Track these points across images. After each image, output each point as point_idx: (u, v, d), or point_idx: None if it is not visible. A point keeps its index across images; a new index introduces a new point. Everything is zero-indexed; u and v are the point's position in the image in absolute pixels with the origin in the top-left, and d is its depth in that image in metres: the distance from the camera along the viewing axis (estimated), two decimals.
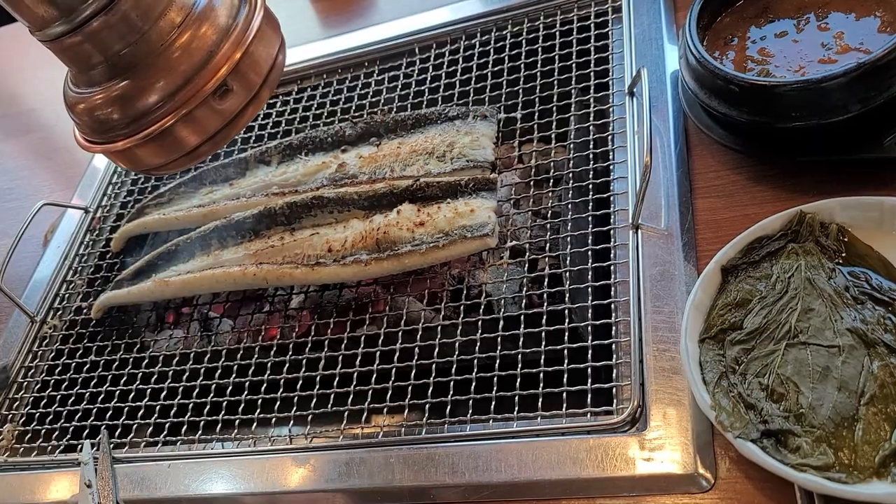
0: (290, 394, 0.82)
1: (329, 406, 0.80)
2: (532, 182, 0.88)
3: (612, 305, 0.75)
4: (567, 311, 0.76)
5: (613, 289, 0.76)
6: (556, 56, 0.96)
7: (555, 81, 0.94)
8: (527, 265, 0.84)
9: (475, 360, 0.76)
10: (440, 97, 1.01)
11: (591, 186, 0.83)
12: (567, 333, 0.74)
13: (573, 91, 0.93)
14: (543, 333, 0.75)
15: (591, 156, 0.86)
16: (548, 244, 0.83)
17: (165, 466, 0.82)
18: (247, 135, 1.11)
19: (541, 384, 0.72)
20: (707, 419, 0.63)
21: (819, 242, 0.68)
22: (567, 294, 0.77)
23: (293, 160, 1.01)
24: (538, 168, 0.90)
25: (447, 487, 0.70)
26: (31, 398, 0.96)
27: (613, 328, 0.74)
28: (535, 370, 0.72)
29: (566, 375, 0.72)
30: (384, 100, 1.06)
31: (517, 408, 0.72)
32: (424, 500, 0.71)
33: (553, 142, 0.91)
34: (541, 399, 0.71)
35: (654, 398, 0.68)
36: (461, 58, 1.04)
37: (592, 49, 0.95)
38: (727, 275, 0.70)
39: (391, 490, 0.72)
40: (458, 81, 1.01)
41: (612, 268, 0.78)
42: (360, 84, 1.10)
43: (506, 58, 1.00)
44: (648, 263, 0.76)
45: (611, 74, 0.92)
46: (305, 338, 0.86)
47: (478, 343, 0.77)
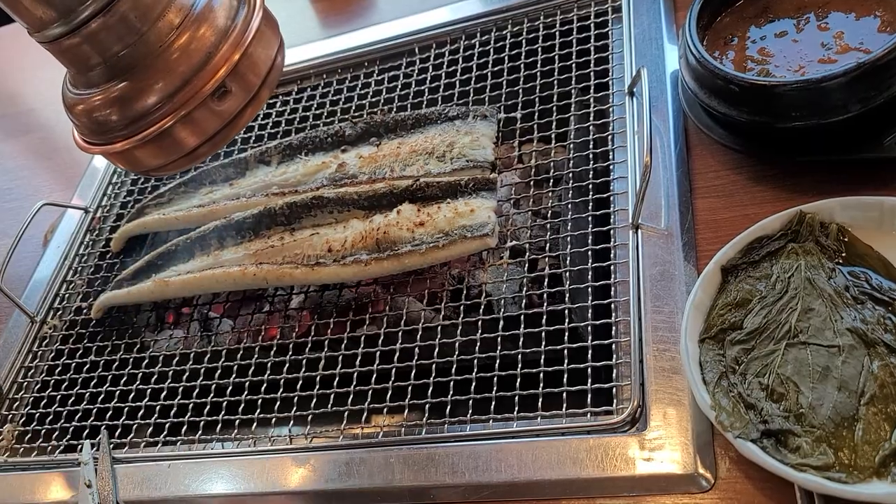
0: (290, 394, 0.82)
1: (329, 406, 0.80)
2: (532, 182, 0.88)
3: (612, 305, 0.75)
4: (567, 311, 0.76)
5: (613, 289, 0.76)
6: (556, 56, 0.96)
7: (555, 81, 0.94)
8: (527, 265, 0.84)
9: (475, 360, 0.76)
10: (440, 97, 1.01)
11: (591, 186, 0.83)
12: (567, 333, 0.74)
13: (573, 91, 0.93)
14: (543, 333, 0.75)
15: (591, 156, 0.86)
16: (548, 244, 0.83)
17: (165, 466, 0.82)
18: (247, 135, 1.11)
19: (541, 384, 0.72)
20: (707, 419, 0.63)
21: (819, 242, 0.68)
22: (567, 294, 0.77)
23: (293, 160, 1.01)
24: (538, 168, 0.90)
25: (447, 487, 0.70)
26: (31, 398, 0.96)
27: (613, 328, 0.74)
28: (535, 370, 0.72)
29: (566, 375, 0.72)
30: (384, 100, 1.06)
31: (517, 408, 0.71)
32: (424, 500, 0.71)
33: (553, 142, 0.91)
34: (541, 399, 0.71)
35: (654, 398, 0.68)
36: (461, 58, 1.03)
37: (592, 49, 0.95)
38: (727, 275, 0.70)
39: (391, 490, 0.72)
40: (458, 81, 1.01)
41: (612, 268, 0.78)
42: (360, 84, 1.10)
43: (506, 58, 1.00)
44: (648, 263, 0.76)
45: (611, 74, 0.92)
46: (305, 338, 0.86)
47: (478, 343, 0.77)
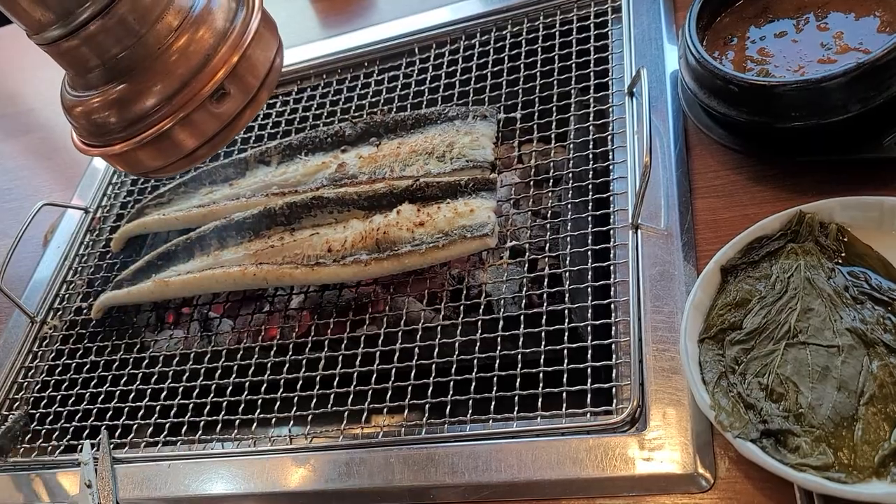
0: (290, 394, 0.82)
1: (329, 406, 0.80)
2: (532, 182, 0.88)
3: (612, 305, 0.75)
4: (567, 311, 0.76)
5: (613, 289, 0.76)
6: (556, 56, 0.96)
7: (554, 81, 0.94)
8: (526, 265, 0.84)
9: (475, 360, 0.76)
10: (440, 97, 1.01)
11: (591, 186, 0.83)
12: (567, 333, 0.74)
13: (573, 91, 0.93)
14: (543, 333, 0.75)
15: (591, 156, 0.86)
16: (547, 244, 0.83)
17: (165, 466, 0.82)
18: (247, 135, 1.11)
19: (540, 384, 0.72)
20: (707, 419, 0.63)
21: (818, 242, 0.68)
22: (567, 294, 0.77)
23: (293, 160, 1.01)
24: (538, 168, 0.90)
25: (447, 487, 0.70)
26: (31, 398, 0.96)
27: (613, 328, 0.74)
28: (535, 370, 0.72)
29: (566, 375, 0.72)
30: (384, 100, 1.06)
31: (517, 408, 0.72)
32: (424, 500, 0.71)
33: (553, 142, 0.91)
34: (540, 399, 0.71)
35: (654, 398, 0.68)
36: (461, 58, 1.03)
37: (592, 49, 0.95)
38: (727, 275, 0.70)
39: (391, 490, 0.72)
40: (458, 81, 1.01)
41: (612, 268, 0.78)
42: (360, 84, 1.10)
43: (506, 58, 1.00)
44: (648, 263, 0.76)
45: (610, 74, 0.92)
46: (305, 338, 0.86)
47: (478, 343, 0.77)
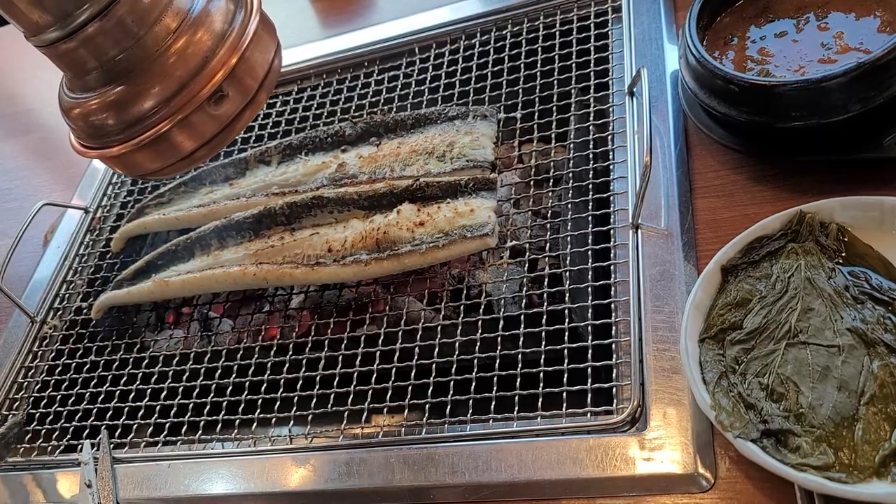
0: (290, 394, 0.82)
1: (329, 406, 0.80)
2: (532, 182, 0.88)
3: (612, 305, 0.75)
4: (567, 311, 0.76)
5: (613, 288, 0.76)
6: (556, 56, 0.96)
7: (555, 81, 0.94)
8: (527, 265, 0.84)
9: (475, 360, 0.76)
10: (440, 97, 1.01)
11: (591, 186, 0.83)
12: (567, 333, 0.74)
13: (573, 91, 0.93)
14: (543, 333, 0.75)
15: (591, 156, 0.86)
16: (548, 244, 0.83)
17: (165, 466, 0.82)
18: (247, 135, 1.11)
19: (541, 384, 0.72)
20: (707, 419, 0.63)
21: (819, 242, 0.68)
22: (567, 294, 0.77)
23: (293, 160, 1.01)
24: (538, 168, 0.90)
25: (447, 487, 0.70)
26: (31, 398, 0.96)
27: (613, 328, 0.74)
28: (535, 370, 0.72)
29: (566, 375, 0.72)
30: (384, 100, 1.06)
31: (517, 408, 0.71)
32: (424, 500, 0.71)
33: (553, 142, 0.91)
34: (541, 399, 0.71)
35: (654, 398, 0.68)
36: (461, 58, 1.03)
37: (592, 49, 0.95)
38: (727, 274, 0.70)
39: (391, 490, 0.72)
40: (458, 81, 1.01)
41: (612, 267, 0.78)
42: (360, 84, 1.10)
43: (506, 58, 1.00)
44: (648, 263, 0.76)
45: (611, 74, 0.92)
46: (305, 338, 0.86)
47: (478, 343, 0.77)
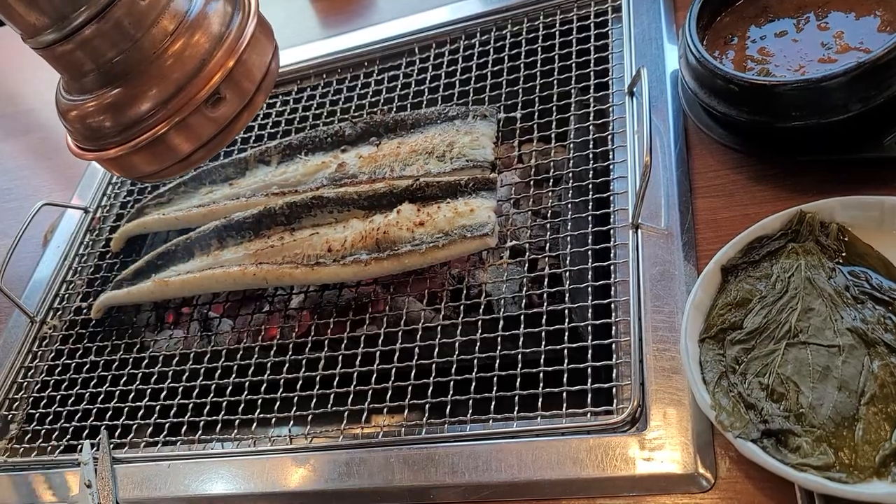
0: (290, 394, 0.82)
1: (329, 406, 0.80)
2: (532, 182, 0.88)
3: (612, 305, 0.75)
4: (567, 311, 0.76)
5: (613, 288, 0.76)
6: (556, 56, 0.96)
7: (554, 81, 0.94)
8: (527, 265, 0.84)
9: (475, 360, 0.75)
10: (440, 97, 1.01)
11: (591, 186, 0.83)
12: (567, 333, 0.74)
13: (573, 91, 0.93)
14: (543, 333, 0.75)
15: (591, 155, 0.86)
16: (548, 244, 0.83)
17: (165, 466, 0.82)
18: (247, 135, 1.11)
19: (541, 384, 0.72)
20: (707, 419, 0.63)
21: (819, 242, 0.68)
22: (567, 294, 0.77)
23: (293, 160, 1.01)
24: (538, 168, 0.90)
25: (447, 487, 0.70)
26: (31, 398, 0.96)
27: (613, 328, 0.74)
28: (535, 370, 0.72)
29: (566, 375, 0.71)
30: (384, 100, 1.06)
31: (517, 408, 0.71)
32: (424, 500, 0.71)
33: (553, 141, 0.91)
34: (541, 399, 0.71)
35: (654, 398, 0.68)
36: (461, 58, 1.03)
37: (592, 49, 0.95)
38: (727, 274, 0.70)
39: (391, 490, 0.72)
40: (458, 81, 1.01)
41: (612, 267, 0.78)
42: (360, 84, 1.10)
43: (505, 58, 1.00)
44: (648, 263, 0.76)
45: (611, 74, 0.92)
46: (305, 338, 0.86)
47: (478, 343, 0.77)
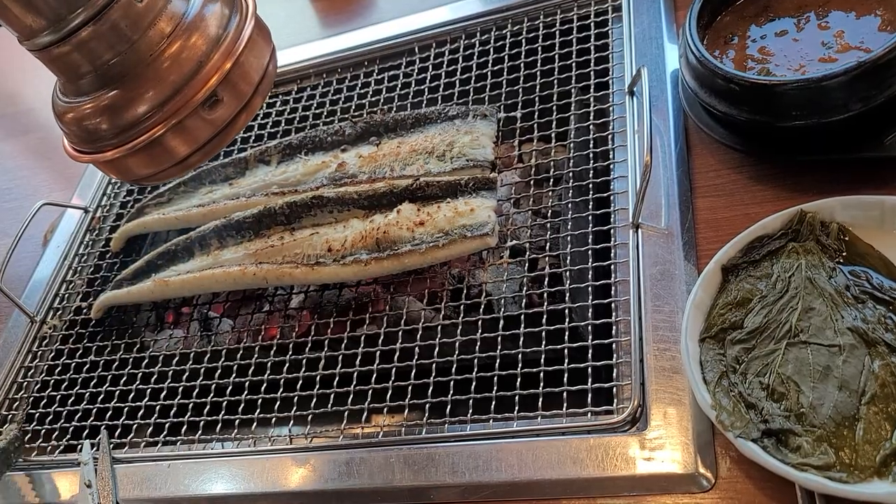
0: (290, 394, 0.82)
1: (329, 406, 0.79)
2: (532, 181, 0.88)
3: (613, 305, 0.75)
4: (567, 311, 0.76)
5: (614, 288, 0.76)
6: (556, 55, 0.96)
7: (555, 81, 0.94)
8: (527, 264, 0.84)
9: (475, 360, 0.75)
10: (440, 97, 1.01)
11: (592, 186, 0.83)
12: (567, 333, 0.74)
13: (573, 90, 0.93)
14: (544, 333, 0.75)
15: (591, 155, 0.86)
16: (548, 243, 0.83)
17: (165, 466, 0.82)
18: (247, 134, 1.11)
19: (541, 384, 0.72)
20: (708, 419, 0.62)
21: (819, 241, 0.68)
22: (567, 293, 0.77)
23: (293, 160, 1.01)
24: (538, 167, 0.90)
25: (447, 487, 0.70)
26: (31, 398, 0.96)
27: (614, 327, 0.74)
28: (536, 370, 0.72)
29: (566, 375, 0.71)
30: (384, 99, 1.06)
31: (517, 407, 0.71)
32: (424, 500, 0.71)
33: (553, 141, 0.91)
34: (541, 399, 0.71)
35: (655, 398, 0.68)
36: (461, 57, 1.03)
37: (592, 48, 0.95)
38: (727, 274, 0.70)
39: (391, 490, 0.72)
40: (458, 81, 1.01)
41: (613, 267, 0.78)
42: (360, 84, 1.10)
43: (506, 57, 1.00)
44: (649, 263, 0.75)
45: (611, 74, 0.92)
46: (305, 338, 0.86)
47: (478, 342, 0.77)
